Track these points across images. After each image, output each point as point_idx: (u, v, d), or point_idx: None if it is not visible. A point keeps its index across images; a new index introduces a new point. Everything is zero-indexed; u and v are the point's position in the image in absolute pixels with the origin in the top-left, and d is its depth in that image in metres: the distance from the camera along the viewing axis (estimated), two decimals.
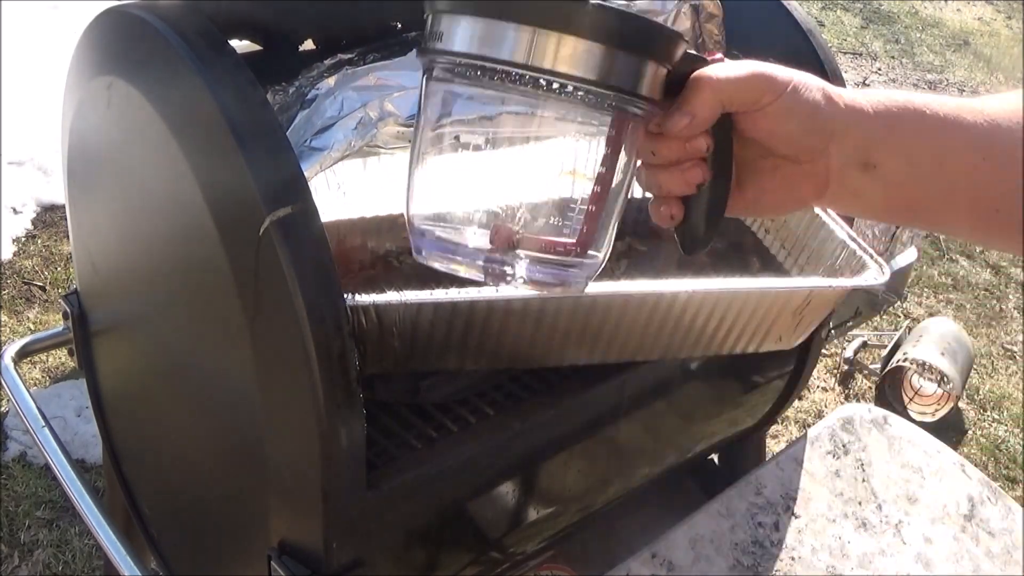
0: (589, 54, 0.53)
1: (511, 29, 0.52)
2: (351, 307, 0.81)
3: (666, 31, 0.57)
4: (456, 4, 0.54)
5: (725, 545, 1.18)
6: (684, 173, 0.60)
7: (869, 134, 0.60)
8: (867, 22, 5.56)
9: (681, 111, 0.58)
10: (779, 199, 0.64)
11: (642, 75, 0.55)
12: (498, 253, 0.57)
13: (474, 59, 0.54)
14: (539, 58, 0.52)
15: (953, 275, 3.22)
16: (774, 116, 0.59)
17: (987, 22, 6.01)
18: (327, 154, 0.99)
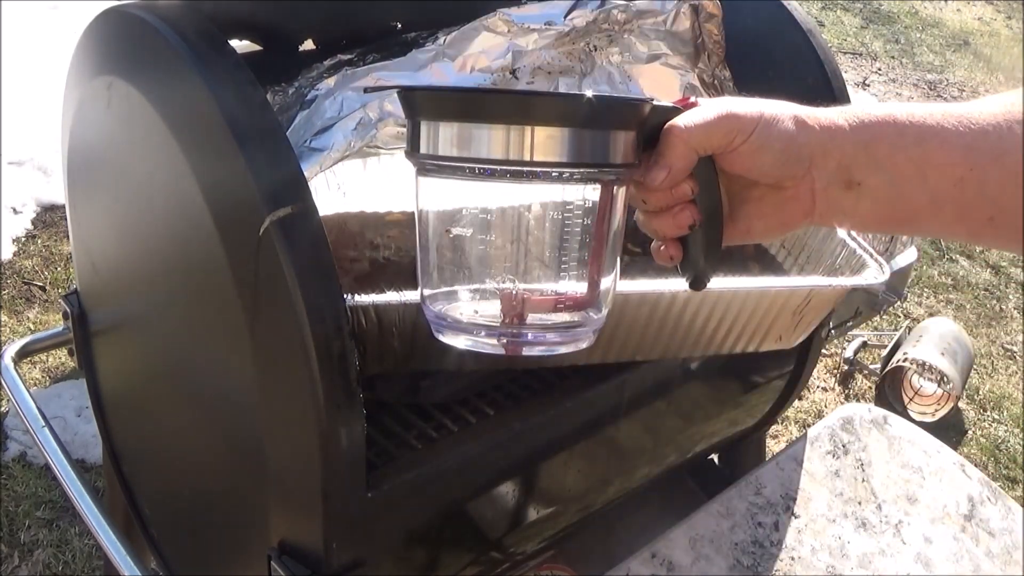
0: (558, 140, 0.57)
1: (484, 129, 0.57)
2: (351, 307, 0.81)
3: (625, 103, 0.61)
4: (432, 112, 0.59)
5: (725, 545, 1.18)
6: (675, 217, 0.62)
7: (848, 153, 0.60)
8: (867, 22, 5.56)
9: (658, 165, 0.60)
10: (770, 224, 0.65)
11: (611, 145, 0.59)
12: (510, 326, 0.61)
13: (456, 161, 0.58)
14: (515, 151, 0.57)
15: (953, 275, 3.22)
16: (749, 153, 0.60)
17: (987, 22, 6.01)
18: (327, 155, 0.99)
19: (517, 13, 1.09)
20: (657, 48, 1.15)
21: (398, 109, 1.01)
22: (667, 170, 0.60)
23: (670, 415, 1.21)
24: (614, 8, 1.12)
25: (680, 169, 0.60)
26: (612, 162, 0.59)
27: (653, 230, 0.64)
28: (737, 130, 0.60)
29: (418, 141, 0.60)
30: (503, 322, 0.61)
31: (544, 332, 0.62)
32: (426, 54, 1.06)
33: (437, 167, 0.60)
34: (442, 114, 0.59)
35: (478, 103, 0.59)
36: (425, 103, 0.60)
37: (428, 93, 0.63)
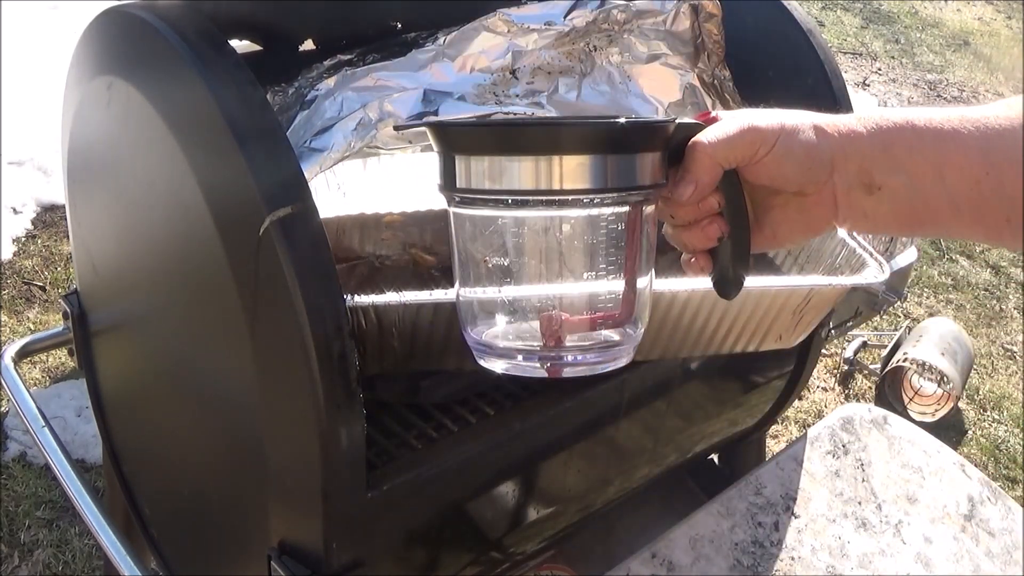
0: (587, 167, 0.59)
1: (515, 162, 0.59)
2: (351, 307, 0.81)
3: (650, 125, 0.63)
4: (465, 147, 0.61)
5: (725, 545, 1.18)
6: (703, 231, 0.64)
7: (867, 156, 0.62)
8: (867, 22, 5.56)
9: (684, 181, 0.62)
10: (795, 230, 0.67)
11: (638, 168, 0.61)
12: (551, 349, 0.63)
13: (489, 194, 0.60)
14: (546, 181, 0.59)
15: (953, 275, 3.22)
16: (772, 163, 0.62)
17: (987, 22, 6.01)
18: (327, 155, 0.99)
19: (517, 13, 1.09)
20: (657, 48, 1.15)
21: (398, 109, 1.02)
22: (694, 185, 0.62)
23: (670, 415, 1.21)
24: (614, 8, 1.12)
25: (706, 183, 0.62)
26: (640, 184, 0.61)
27: (683, 243, 0.66)
28: (760, 142, 0.61)
29: (452, 176, 0.62)
30: (544, 346, 0.63)
31: (583, 353, 0.64)
32: (426, 54, 1.06)
33: (471, 200, 0.62)
34: (474, 148, 0.61)
35: (508, 136, 0.61)
36: (457, 138, 0.62)
37: (460, 129, 0.64)
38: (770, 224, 0.66)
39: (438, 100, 1.03)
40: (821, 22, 5.35)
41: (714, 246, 0.65)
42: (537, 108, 1.07)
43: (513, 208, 0.61)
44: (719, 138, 0.62)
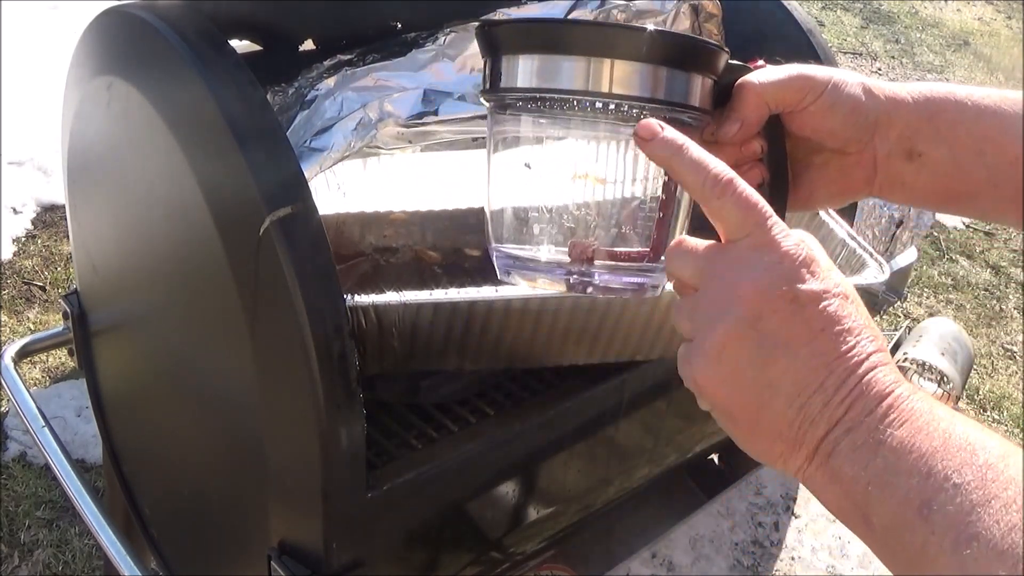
0: (639, 74, 0.57)
1: (566, 61, 0.57)
2: (351, 307, 0.81)
3: (707, 45, 0.61)
4: (514, 45, 0.59)
5: (725, 545, 1.18)
6: (743, 176, 0.62)
7: (911, 123, 0.62)
8: (867, 22, 5.56)
9: (731, 118, 0.62)
10: (832, 191, 0.66)
11: (690, 88, 0.59)
12: (576, 266, 0.61)
13: (538, 92, 0.58)
14: (595, 83, 0.57)
15: (953, 275, 3.22)
16: (818, 113, 0.62)
17: (987, 22, 6.01)
18: (327, 155, 0.99)
19: (517, 13, 1.09)
20: None
21: (398, 109, 1.02)
22: (739, 123, 0.61)
23: (670, 415, 1.21)
24: (614, 8, 1.12)
25: (752, 123, 0.62)
26: (689, 103, 0.59)
27: None
28: (808, 88, 0.61)
29: (498, 77, 0.60)
30: (570, 262, 0.61)
31: (610, 274, 0.61)
32: (426, 54, 1.06)
33: (514, 104, 0.60)
34: (524, 47, 0.59)
35: (561, 34, 0.59)
36: (507, 36, 0.60)
37: (511, 26, 0.63)
38: (807, 183, 0.66)
39: (438, 100, 1.03)
40: (821, 22, 5.35)
41: None
42: None
43: (557, 113, 0.59)
44: (769, 79, 0.62)
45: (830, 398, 0.48)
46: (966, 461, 0.43)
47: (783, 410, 0.49)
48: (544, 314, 0.91)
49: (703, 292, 0.52)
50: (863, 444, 0.46)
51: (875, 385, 0.47)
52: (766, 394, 0.49)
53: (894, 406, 0.46)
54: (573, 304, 0.91)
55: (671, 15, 1.15)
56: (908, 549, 0.44)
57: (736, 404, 0.51)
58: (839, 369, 0.48)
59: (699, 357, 0.51)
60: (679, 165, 0.54)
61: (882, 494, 0.45)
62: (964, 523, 0.42)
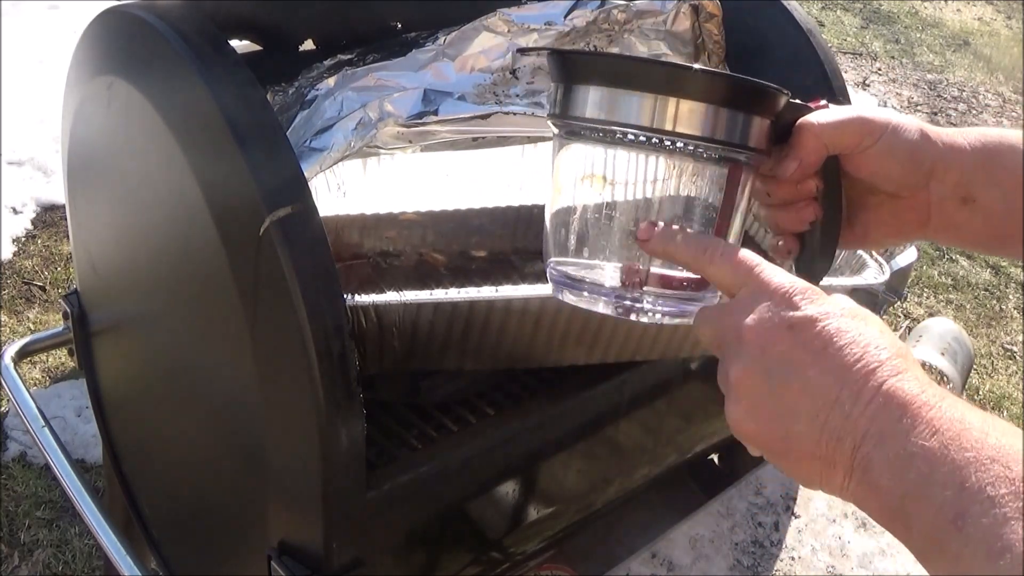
0: (700, 114, 0.60)
1: (633, 96, 0.60)
2: (351, 307, 0.81)
3: (768, 88, 0.63)
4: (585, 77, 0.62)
5: (725, 545, 1.18)
6: (798, 212, 0.65)
7: (966, 170, 0.63)
8: (867, 22, 5.56)
9: (790, 157, 0.64)
10: (885, 232, 0.68)
11: (748, 129, 0.62)
12: (628, 291, 0.63)
13: (605, 124, 0.61)
14: (660, 121, 0.60)
15: (953, 275, 3.22)
16: (876, 157, 0.63)
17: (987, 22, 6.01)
18: (327, 155, 0.99)
19: (517, 13, 1.09)
20: (657, 48, 1.15)
21: (398, 109, 1.02)
22: (798, 162, 0.63)
23: (670, 415, 1.21)
24: (614, 8, 1.12)
25: (810, 163, 0.63)
26: (747, 144, 0.62)
27: (775, 223, 0.67)
28: (867, 132, 0.63)
29: (568, 104, 0.63)
30: (623, 287, 0.63)
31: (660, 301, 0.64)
32: (426, 54, 1.06)
33: (582, 130, 0.63)
34: (595, 78, 0.62)
35: (632, 70, 0.61)
36: (579, 67, 0.63)
37: (586, 57, 0.66)
38: (862, 223, 0.67)
39: (438, 100, 1.03)
40: (821, 22, 5.35)
41: (804, 230, 0.66)
42: (537, 108, 1.07)
43: (621, 145, 0.61)
44: (829, 121, 0.63)
45: (849, 411, 0.48)
46: (999, 474, 0.44)
47: (807, 432, 0.50)
48: (544, 314, 0.91)
49: (724, 349, 0.54)
50: (895, 457, 0.47)
51: (896, 393, 0.48)
52: (788, 420, 0.51)
53: (921, 415, 0.47)
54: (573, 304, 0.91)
55: (671, 15, 1.15)
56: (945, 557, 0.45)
57: (766, 437, 0.53)
58: (851, 381, 0.48)
59: (729, 406, 0.54)
60: (674, 250, 0.58)
61: (918, 506, 0.46)
62: (997, 535, 0.42)
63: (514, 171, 1.32)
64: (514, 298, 0.88)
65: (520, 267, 1.24)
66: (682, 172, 0.62)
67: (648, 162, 0.62)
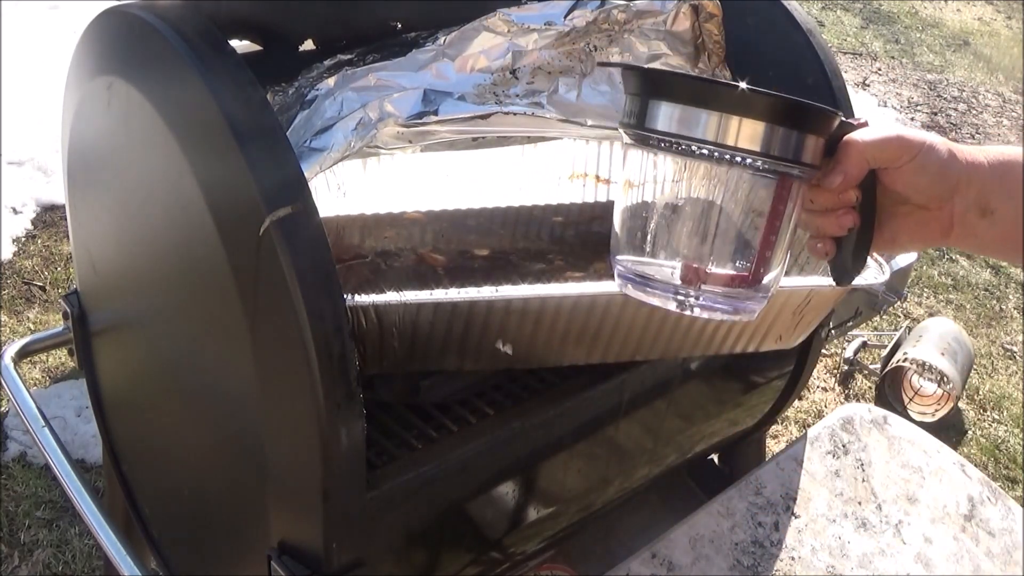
0: (762, 133, 0.66)
1: (704, 114, 0.66)
2: (351, 307, 0.81)
3: (824, 111, 0.69)
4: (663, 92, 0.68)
5: (725, 545, 1.18)
6: (838, 219, 0.72)
7: (985, 184, 0.70)
8: (867, 22, 5.56)
9: (836, 171, 0.70)
10: (912, 238, 0.75)
11: (804, 146, 0.68)
12: (687, 288, 0.70)
13: (676, 137, 0.67)
14: (724, 136, 0.66)
15: (953, 275, 3.22)
16: (910, 172, 0.70)
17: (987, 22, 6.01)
18: (327, 155, 0.99)
19: (517, 13, 1.09)
20: (657, 48, 1.15)
21: (398, 109, 1.02)
22: (843, 175, 0.70)
23: (670, 415, 1.21)
24: (614, 8, 1.12)
25: (854, 176, 0.70)
26: (803, 160, 0.68)
27: (816, 227, 0.73)
28: (905, 150, 0.70)
29: (643, 116, 0.68)
30: (682, 284, 0.70)
31: (716, 298, 0.70)
32: (426, 54, 1.06)
33: (653, 141, 0.68)
34: (669, 95, 0.68)
35: (705, 90, 0.68)
36: (657, 83, 0.69)
37: (661, 75, 0.71)
38: (891, 229, 0.74)
39: (438, 100, 1.03)
40: (821, 22, 5.35)
41: (842, 235, 0.72)
42: (537, 108, 1.07)
43: (689, 156, 0.67)
44: (872, 139, 0.70)
45: None
46: None
47: None
48: (544, 314, 0.91)
49: None
50: None
51: None
52: None
53: None
54: (573, 304, 0.91)
55: (671, 15, 1.15)
56: None
57: None
58: None
59: None
60: None
61: None
62: None
63: (514, 171, 1.32)
64: (514, 298, 0.88)
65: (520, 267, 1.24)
66: (743, 182, 0.68)
67: (713, 173, 0.68)
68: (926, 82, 4.86)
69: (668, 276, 0.70)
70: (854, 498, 1.27)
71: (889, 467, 1.33)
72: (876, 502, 1.27)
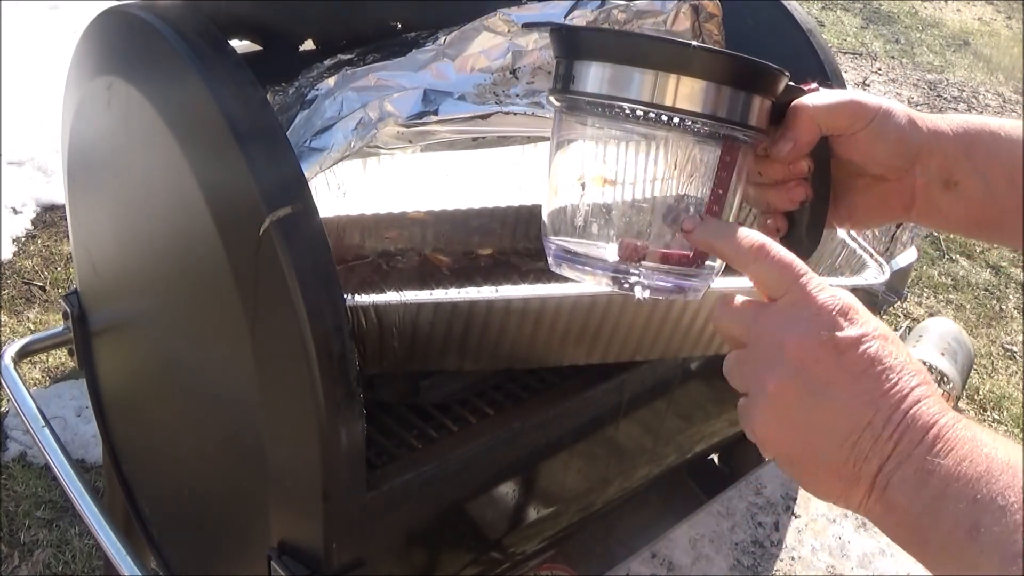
0: (703, 92, 0.60)
1: (637, 73, 0.60)
2: (351, 307, 0.81)
3: (770, 68, 0.63)
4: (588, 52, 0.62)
5: (725, 545, 1.18)
6: (789, 192, 0.67)
7: (949, 155, 0.65)
8: (867, 22, 5.56)
9: (785, 137, 0.65)
10: (870, 214, 0.70)
11: (750, 108, 0.62)
12: (625, 265, 0.64)
13: (607, 99, 0.61)
14: (661, 97, 0.60)
15: (953, 275, 3.22)
16: (866, 140, 0.65)
17: (987, 22, 6.01)
18: (327, 155, 0.99)
19: (517, 13, 1.09)
20: None
21: (398, 109, 1.02)
22: (792, 143, 0.64)
23: (670, 415, 1.21)
24: (614, 8, 1.12)
25: (804, 143, 0.65)
26: (748, 123, 0.62)
27: (766, 202, 0.68)
28: (860, 115, 0.64)
29: (570, 79, 0.62)
30: (619, 260, 0.64)
31: (657, 275, 0.64)
32: (426, 54, 1.06)
33: (583, 105, 0.62)
34: (599, 54, 0.61)
35: (636, 47, 0.61)
36: (584, 42, 0.63)
37: (590, 32, 0.65)
38: (848, 204, 0.69)
39: (438, 100, 1.03)
40: (821, 22, 5.35)
41: (793, 209, 0.67)
42: (537, 108, 1.07)
43: (622, 121, 0.61)
44: (823, 103, 0.64)
45: (879, 434, 0.50)
46: (1009, 484, 0.46)
47: (837, 451, 0.51)
48: (544, 314, 0.91)
49: (752, 348, 0.55)
50: (913, 475, 0.49)
51: (920, 417, 0.50)
52: (820, 437, 0.52)
53: (940, 436, 0.49)
54: (573, 304, 0.91)
55: (671, 15, 1.15)
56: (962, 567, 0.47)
57: (794, 450, 0.53)
58: (884, 407, 0.50)
59: (755, 409, 0.54)
60: (719, 243, 0.58)
61: (935, 521, 0.49)
62: (1010, 542, 0.45)
63: (514, 171, 1.32)
64: (514, 298, 0.88)
65: (520, 267, 1.24)
66: (682, 149, 0.62)
67: (650, 140, 0.62)
68: (926, 82, 4.86)
69: (604, 253, 0.64)
70: None
71: None
72: None
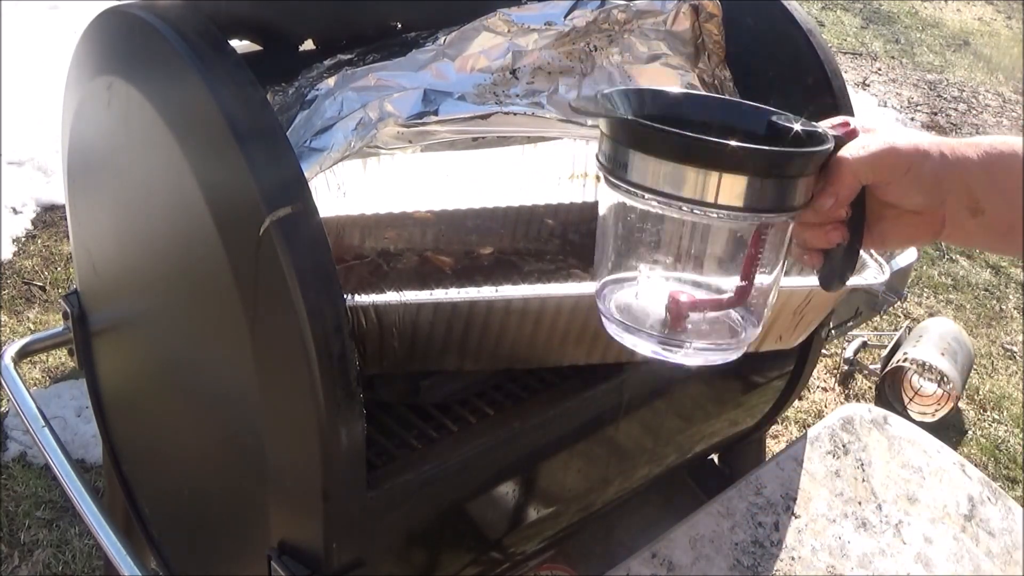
0: (746, 187, 0.63)
1: (691, 172, 0.62)
2: (351, 307, 0.81)
3: (816, 154, 0.65)
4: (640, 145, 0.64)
5: (725, 545, 1.18)
6: (826, 234, 0.69)
7: (975, 183, 0.67)
8: (867, 22, 5.56)
9: (827, 192, 0.67)
10: (901, 239, 0.73)
11: (794, 191, 0.65)
12: (672, 337, 0.69)
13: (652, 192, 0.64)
14: (704, 194, 0.63)
15: (953, 275, 3.22)
16: (902, 186, 0.68)
17: (987, 22, 6.01)
18: (327, 155, 0.99)
19: (517, 13, 1.09)
20: (657, 48, 1.15)
21: (398, 109, 1.02)
22: (834, 198, 0.67)
23: (670, 415, 1.21)
24: (614, 8, 1.12)
25: (845, 198, 0.67)
26: (790, 206, 0.65)
27: (803, 240, 0.71)
28: (898, 165, 0.67)
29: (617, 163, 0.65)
30: (667, 333, 0.69)
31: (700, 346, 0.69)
32: (426, 54, 1.06)
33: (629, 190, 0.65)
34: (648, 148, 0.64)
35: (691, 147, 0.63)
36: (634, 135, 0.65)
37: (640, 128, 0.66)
38: (879, 232, 0.71)
39: (438, 100, 1.03)
40: (821, 22, 5.35)
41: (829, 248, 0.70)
42: (537, 108, 1.07)
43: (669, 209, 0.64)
44: (862, 157, 0.66)
45: None
46: None
47: None
48: (544, 314, 0.91)
49: None
50: None
51: None
52: None
53: None
54: (573, 304, 0.91)
55: (671, 15, 1.15)
56: None
57: None
58: None
59: None
60: None
61: None
62: None
63: (514, 171, 1.32)
64: (514, 298, 0.88)
65: (521, 267, 1.24)
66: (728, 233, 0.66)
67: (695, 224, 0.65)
68: (926, 82, 4.86)
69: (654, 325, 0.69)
70: (854, 498, 1.27)
71: (889, 467, 1.33)
72: (876, 502, 1.27)
